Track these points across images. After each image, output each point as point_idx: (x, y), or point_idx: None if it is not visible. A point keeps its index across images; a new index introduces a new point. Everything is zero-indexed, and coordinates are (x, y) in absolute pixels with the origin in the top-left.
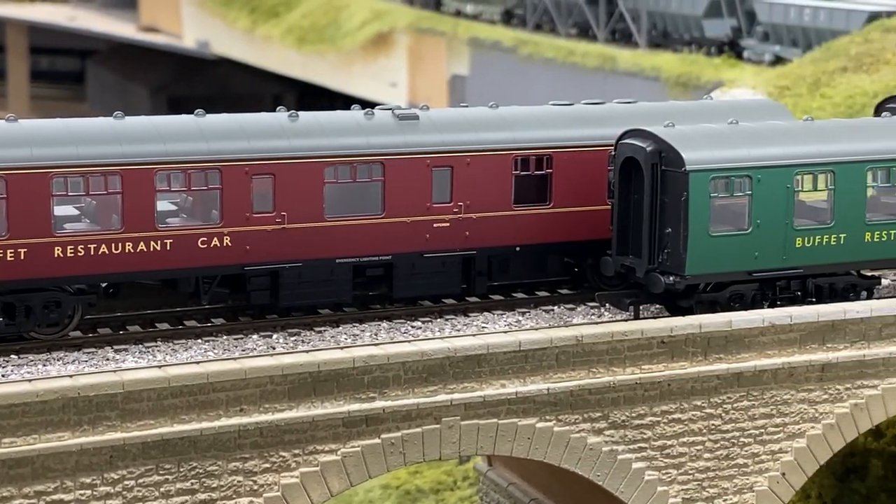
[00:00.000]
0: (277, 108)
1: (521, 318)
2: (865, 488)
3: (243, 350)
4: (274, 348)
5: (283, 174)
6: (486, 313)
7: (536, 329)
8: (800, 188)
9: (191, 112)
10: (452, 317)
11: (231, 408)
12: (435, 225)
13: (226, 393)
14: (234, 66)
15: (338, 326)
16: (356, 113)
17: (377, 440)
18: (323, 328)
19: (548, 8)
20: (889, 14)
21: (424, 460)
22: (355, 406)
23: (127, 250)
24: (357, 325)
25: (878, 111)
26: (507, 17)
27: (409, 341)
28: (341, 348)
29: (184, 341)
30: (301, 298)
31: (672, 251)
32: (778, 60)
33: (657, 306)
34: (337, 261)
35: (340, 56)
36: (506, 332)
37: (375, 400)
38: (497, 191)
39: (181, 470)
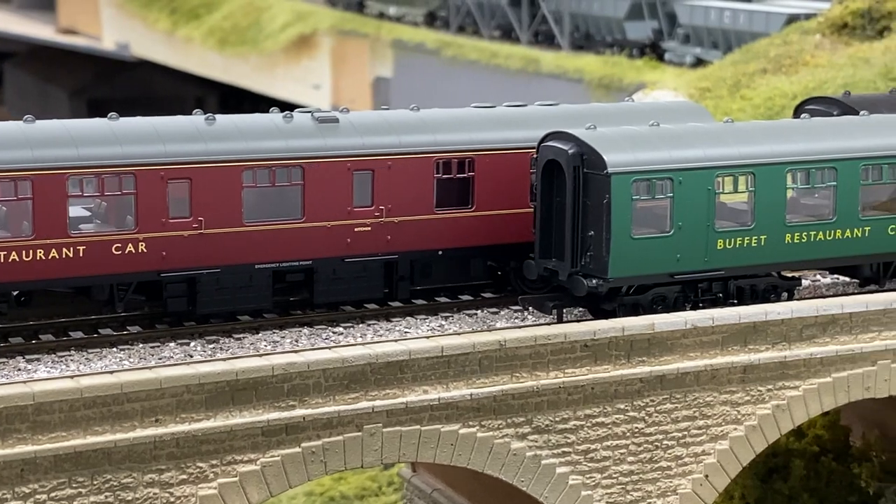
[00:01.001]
0: (194, 111)
1: (444, 322)
2: (788, 488)
3: (160, 358)
4: (191, 356)
5: (200, 178)
6: (408, 318)
7: (459, 334)
8: (721, 190)
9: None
10: (375, 322)
11: (146, 418)
12: (356, 229)
13: (140, 403)
14: (155, 68)
15: (257, 333)
16: (275, 116)
17: (297, 449)
18: (242, 335)
19: (471, 10)
20: (807, 16)
21: (346, 469)
22: (275, 415)
23: (38, 257)
24: (277, 331)
25: (798, 113)
26: (431, 20)
27: (329, 348)
28: (260, 356)
29: (98, 350)
30: (219, 305)
31: (595, 254)
32: (699, 62)
33: (580, 309)
34: (256, 266)
35: (263, 58)
36: (428, 337)
37: (295, 408)
38: (419, 194)
39: (95, 483)
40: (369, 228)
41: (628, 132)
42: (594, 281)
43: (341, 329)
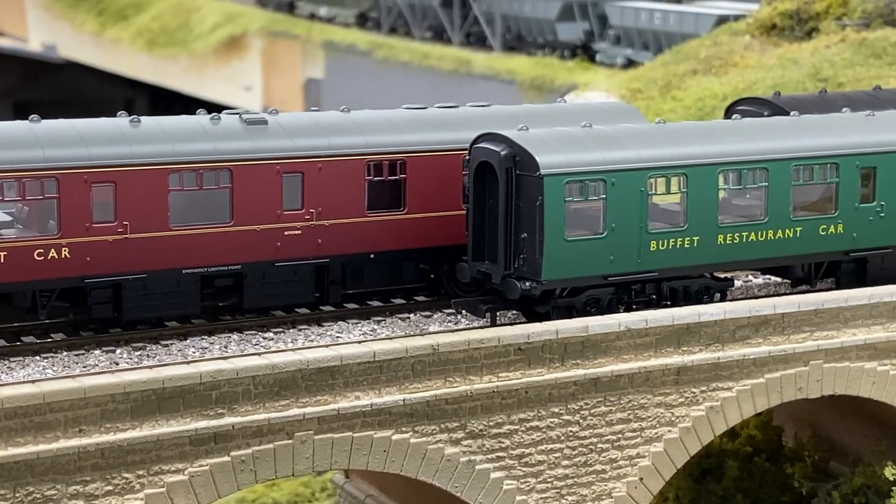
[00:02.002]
0: (118, 114)
1: (376, 326)
2: (721, 489)
3: (84, 367)
4: (117, 364)
5: (125, 182)
6: (340, 322)
7: (392, 338)
8: (653, 191)
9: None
10: (306, 327)
11: (70, 429)
12: (286, 233)
13: (64, 413)
14: (83, 69)
15: (185, 339)
16: (202, 118)
17: (226, 458)
18: (170, 342)
19: (402, 11)
20: (736, 18)
21: (276, 477)
22: (203, 423)
23: None
24: (206, 337)
25: (728, 113)
26: (362, 21)
27: (259, 354)
28: (188, 363)
29: (21, 358)
30: (146, 311)
31: (528, 256)
32: (630, 63)
33: (514, 312)
34: (183, 271)
35: (192, 59)
36: (360, 342)
37: (224, 416)
38: (350, 197)
39: (17, 495)
40: (299, 232)
41: (561, 133)
42: (527, 283)
43: (271, 334)
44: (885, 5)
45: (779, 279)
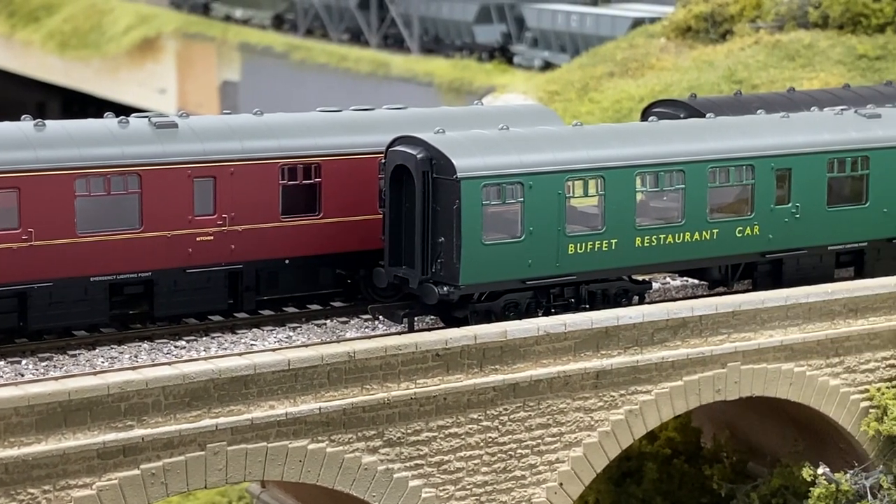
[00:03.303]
0: (22, 117)
1: (291, 333)
2: (641, 492)
3: None
4: (22, 375)
5: (29, 188)
6: (254, 330)
7: (307, 346)
8: (571, 194)
9: None
10: (219, 334)
11: None
12: (198, 238)
13: None
14: None
15: (94, 349)
16: (109, 121)
17: (136, 471)
18: (77, 351)
19: (319, 13)
20: (652, 20)
21: (189, 490)
22: (111, 436)
23: None
24: (115, 346)
25: (645, 115)
26: (278, 23)
27: (170, 363)
28: (95, 374)
29: None
30: (52, 320)
31: (445, 261)
32: (547, 66)
33: (432, 318)
34: (91, 279)
35: (105, 62)
36: (274, 350)
37: (134, 428)
38: (264, 201)
39: None
40: (212, 237)
41: (478, 136)
42: (445, 288)
43: (184, 343)
44: (798, 8)
45: (696, 281)
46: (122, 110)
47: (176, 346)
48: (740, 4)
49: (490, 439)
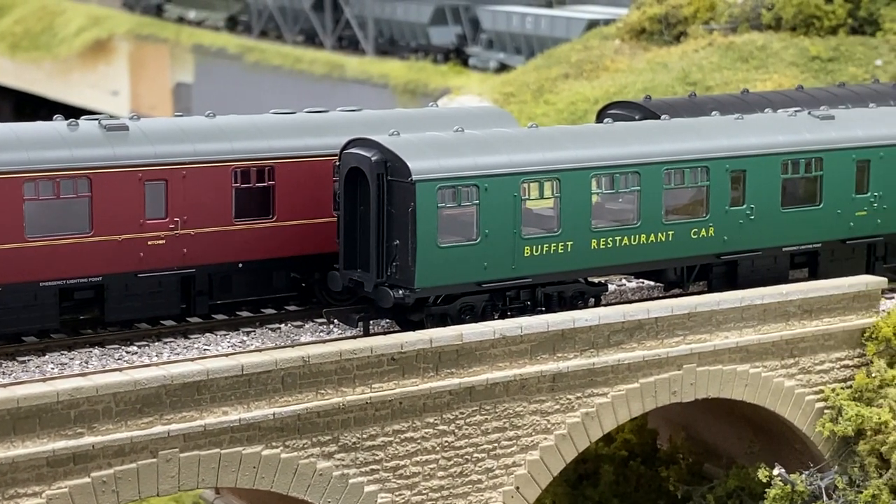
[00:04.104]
0: None
1: (245, 338)
2: (598, 494)
3: None
4: None
5: None
6: (208, 334)
7: (260, 350)
8: (526, 196)
9: None
10: (172, 340)
11: None
12: (149, 242)
13: None
14: None
15: (44, 355)
16: (59, 124)
17: (87, 479)
18: (27, 358)
19: (273, 15)
20: (607, 22)
21: (140, 497)
22: (61, 444)
23: None
24: (66, 352)
25: (600, 117)
26: (232, 24)
27: (121, 369)
28: (45, 380)
29: None
30: (1, 326)
31: (400, 264)
32: (503, 67)
33: (387, 321)
34: (41, 284)
35: (57, 64)
36: (227, 355)
37: (84, 436)
38: (216, 205)
39: None
40: (163, 241)
41: (433, 138)
42: (400, 291)
43: (135, 348)
44: (751, 10)
45: (652, 283)
46: (75, 112)
47: (127, 352)
48: (694, 6)
49: (446, 443)
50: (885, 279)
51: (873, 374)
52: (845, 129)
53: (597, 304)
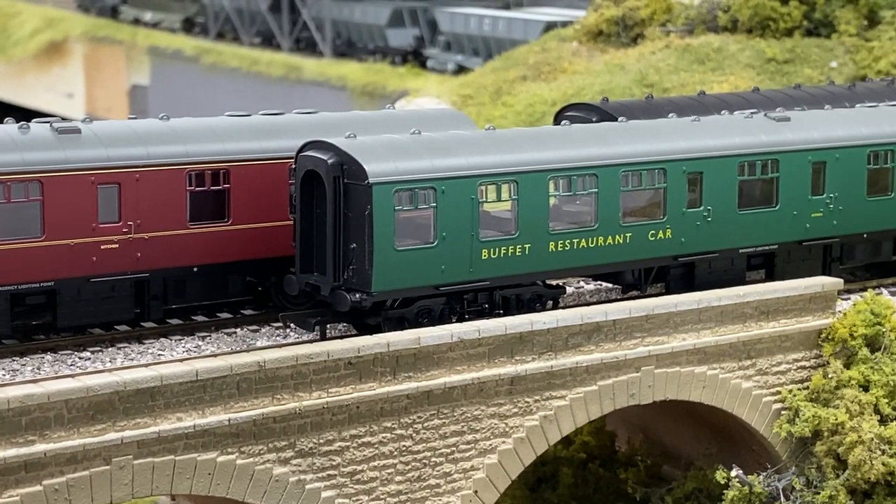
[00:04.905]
0: None
1: (200, 343)
2: (557, 497)
3: None
4: None
5: None
6: (162, 339)
7: (216, 356)
8: (484, 199)
9: None
10: (125, 345)
11: None
12: (102, 247)
13: None
14: None
15: None
16: (9, 127)
17: (38, 487)
18: None
19: (230, 16)
20: (564, 24)
21: None
22: (12, 452)
23: None
24: (17, 358)
25: (557, 119)
26: (188, 26)
27: (73, 376)
28: None
29: None
30: None
31: (357, 267)
32: (461, 69)
33: (344, 325)
34: None
35: (11, 66)
36: (182, 360)
37: (35, 443)
38: (170, 208)
39: None
40: (117, 246)
41: (389, 141)
42: (357, 295)
43: (88, 354)
44: (707, 12)
45: (610, 285)
46: (30, 115)
47: (80, 358)
48: (651, 8)
49: (404, 448)
50: (841, 280)
51: (830, 375)
52: (801, 131)
53: (555, 307)
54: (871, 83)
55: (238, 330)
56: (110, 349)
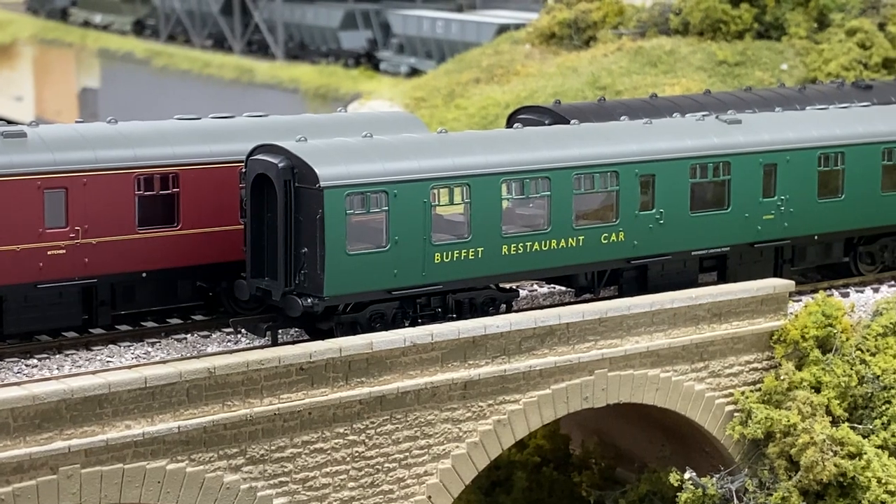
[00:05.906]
0: None
1: (150, 349)
2: (511, 501)
3: None
4: None
5: None
6: (111, 346)
7: (165, 362)
8: (437, 202)
9: None
10: (73, 352)
11: None
12: (49, 252)
13: None
14: None
15: None
16: None
17: None
18: None
19: (181, 19)
20: (517, 26)
21: None
22: None
23: None
24: None
25: (510, 122)
26: (139, 28)
27: (19, 384)
28: None
29: None
30: None
31: (309, 272)
32: (414, 72)
33: (296, 330)
34: None
35: None
36: (130, 367)
37: None
38: (119, 213)
39: None
40: (64, 251)
41: (341, 144)
42: (309, 300)
43: (35, 361)
44: (659, 15)
45: (563, 288)
46: None
47: (27, 365)
48: (603, 11)
49: (357, 454)
50: (793, 282)
51: (782, 377)
52: (752, 134)
53: (508, 311)
54: (822, 86)
55: (188, 336)
56: (58, 356)
